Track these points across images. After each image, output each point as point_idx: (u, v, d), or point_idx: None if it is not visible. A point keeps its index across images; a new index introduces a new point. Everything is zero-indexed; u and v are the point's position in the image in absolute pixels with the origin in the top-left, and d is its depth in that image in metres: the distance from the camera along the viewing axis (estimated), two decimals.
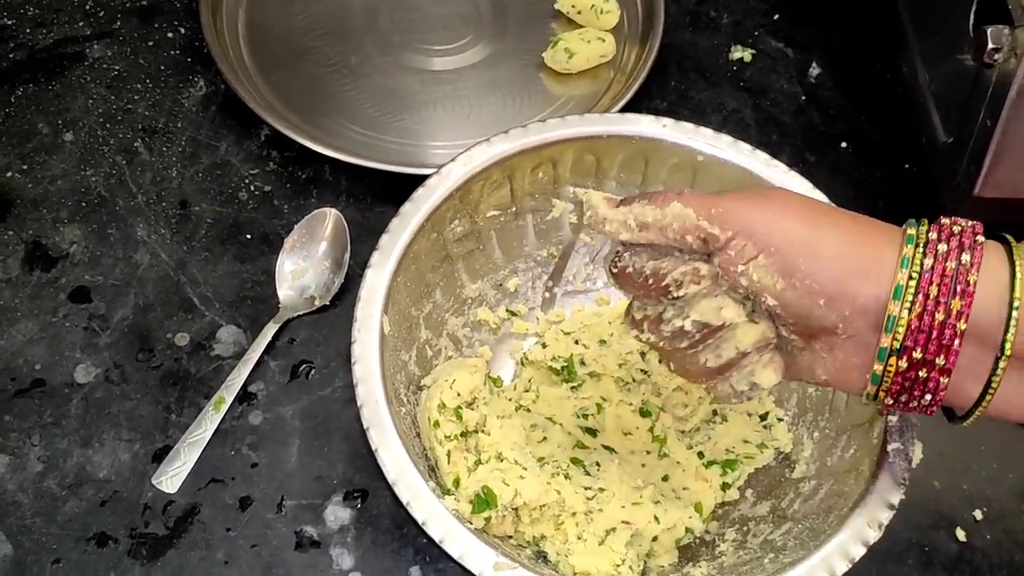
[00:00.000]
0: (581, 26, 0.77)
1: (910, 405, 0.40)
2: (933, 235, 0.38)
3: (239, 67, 0.72)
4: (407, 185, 0.56)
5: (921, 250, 0.38)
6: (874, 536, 0.46)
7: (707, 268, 0.41)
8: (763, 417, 0.57)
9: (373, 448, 0.47)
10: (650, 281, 0.42)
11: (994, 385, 0.38)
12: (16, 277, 0.63)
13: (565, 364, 0.59)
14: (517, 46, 0.77)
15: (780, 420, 0.57)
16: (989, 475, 0.59)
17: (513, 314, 0.62)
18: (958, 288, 0.37)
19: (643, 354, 0.59)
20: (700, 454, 0.55)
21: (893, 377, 0.39)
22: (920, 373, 0.38)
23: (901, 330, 0.37)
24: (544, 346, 0.60)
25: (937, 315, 0.37)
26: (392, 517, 0.56)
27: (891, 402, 0.40)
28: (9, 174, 0.68)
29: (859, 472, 0.49)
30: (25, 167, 0.68)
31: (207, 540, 0.55)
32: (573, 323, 0.61)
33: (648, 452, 0.55)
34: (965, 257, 0.37)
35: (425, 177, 0.56)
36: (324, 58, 0.75)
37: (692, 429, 0.56)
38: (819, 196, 0.55)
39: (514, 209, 0.60)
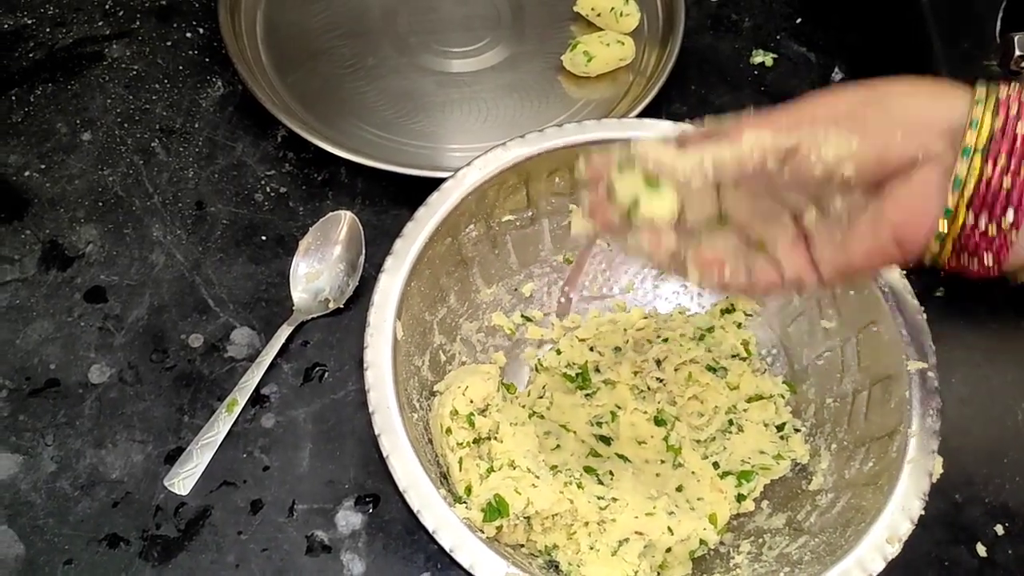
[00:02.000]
0: (600, 29, 0.76)
1: (988, 232, 0.38)
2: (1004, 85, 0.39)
3: (256, 68, 0.72)
4: (423, 188, 0.56)
5: (995, 87, 0.38)
6: (893, 552, 0.45)
7: None
8: (780, 428, 0.56)
9: (384, 455, 0.47)
10: None
11: None
12: (32, 276, 0.63)
13: (580, 371, 0.58)
14: (536, 49, 0.77)
15: (797, 431, 0.56)
16: (1012, 489, 0.58)
17: (528, 320, 0.61)
18: None
19: (658, 362, 0.58)
20: (715, 464, 0.55)
21: (977, 184, 0.38)
22: (1004, 180, 0.37)
23: (984, 129, 0.37)
24: (559, 352, 0.59)
25: (1019, 126, 0.37)
26: (404, 523, 0.56)
27: (969, 227, 0.39)
28: (27, 173, 0.68)
29: (878, 486, 0.48)
30: (43, 166, 0.68)
31: (218, 543, 0.55)
32: (588, 330, 0.61)
33: (662, 461, 0.55)
34: None
35: (441, 180, 0.56)
36: (341, 59, 0.75)
37: (707, 439, 0.56)
38: None
39: (530, 214, 0.60)
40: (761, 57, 0.77)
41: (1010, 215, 0.38)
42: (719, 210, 0.43)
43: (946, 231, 0.39)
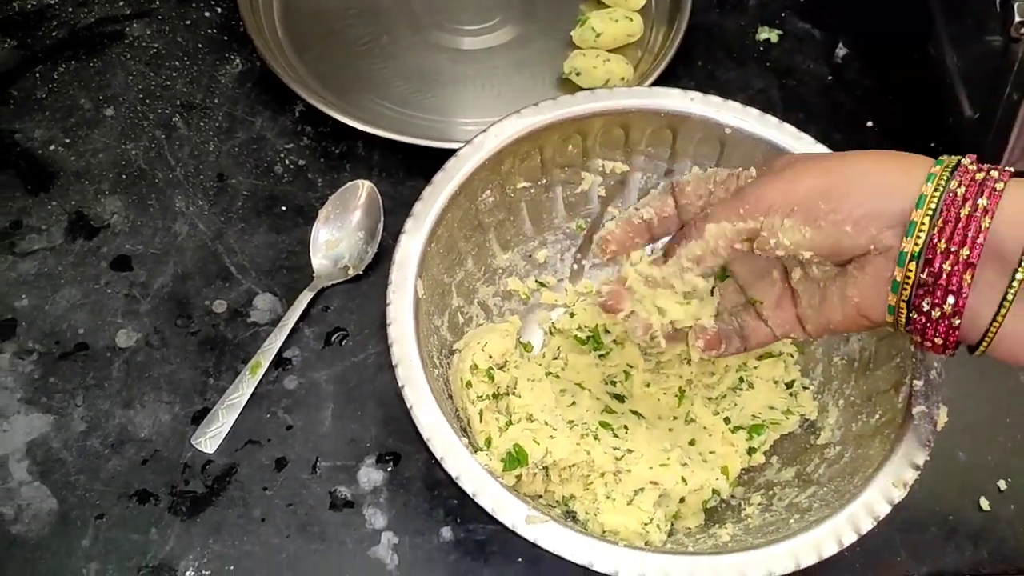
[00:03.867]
0: (609, 6, 0.78)
1: (932, 316, 0.40)
2: (966, 161, 0.40)
3: (274, 45, 0.74)
4: (437, 160, 0.57)
5: (949, 170, 0.40)
6: (899, 495, 0.47)
7: None
8: (789, 385, 0.58)
9: (408, 406, 0.49)
10: None
11: (1008, 300, 0.38)
12: (60, 246, 0.65)
13: (591, 334, 0.60)
14: (546, 26, 0.78)
15: (806, 388, 0.58)
16: (1014, 446, 0.60)
17: (542, 285, 0.63)
18: (985, 191, 0.39)
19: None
20: (726, 419, 0.56)
21: (912, 289, 0.40)
22: (944, 266, 0.39)
23: (922, 234, 0.39)
24: (572, 315, 0.61)
25: (963, 208, 0.38)
26: (424, 479, 0.58)
27: (914, 316, 0.41)
28: (53, 147, 0.70)
29: (885, 436, 0.50)
30: (68, 140, 0.70)
31: (244, 499, 0.56)
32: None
33: (675, 417, 0.57)
34: (994, 173, 0.39)
35: (455, 150, 0.57)
36: (357, 37, 0.77)
37: (719, 396, 0.57)
38: None
39: (544, 181, 0.61)
40: (767, 34, 0.79)
41: (950, 300, 0.40)
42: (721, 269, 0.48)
43: (892, 321, 0.42)
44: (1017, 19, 0.56)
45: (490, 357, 0.53)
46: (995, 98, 0.60)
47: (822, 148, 0.58)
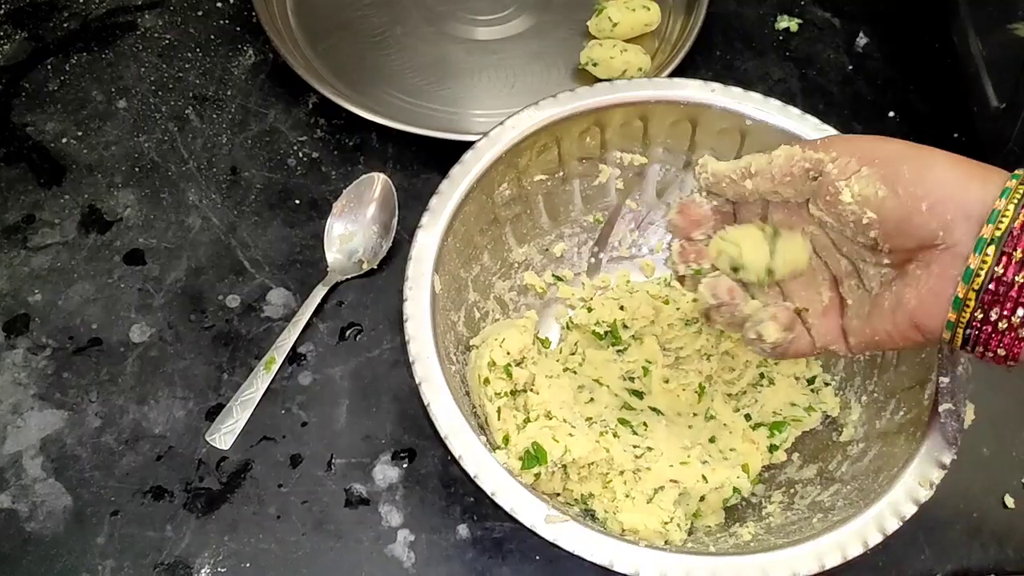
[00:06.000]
0: None
1: (998, 326, 0.38)
2: None
3: (287, 36, 0.73)
4: (452, 152, 0.56)
5: None
6: (925, 495, 0.46)
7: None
8: (810, 381, 0.57)
9: (425, 403, 0.48)
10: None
11: None
12: (72, 240, 0.65)
13: (609, 329, 0.59)
14: (561, 16, 0.77)
15: (827, 384, 0.57)
16: None
17: (559, 279, 0.62)
18: None
19: (687, 323, 0.59)
20: (747, 416, 0.55)
21: (986, 280, 0.38)
22: (1017, 278, 0.37)
23: (1004, 222, 0.37)
24: (590, 310, 0.60)
25: None
26: (439, 476, 0.57)
27: (979, 320, 0.38)
28: (65, 140, 0.69)
29: (909, 434, 0.49)
30: (80, 133, 0.69)
31: (259, 495, 0.56)
32: (619, 290, 0.62)
33: (695, 414, 0.56)
34: None
35: (470, 144, 0.56)
36: (370, 28, 0.76)
37: (739, 392, 0.56)
38: None
39: (561, 174, 0.61)
40: (786, 22, 0.77)
41: (1020, 312, 0.38)
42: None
43: (955, 320, 0.39)
44: None
45: (508, 353, 0.52)
46: (1022, 86, 0.59)
47: None
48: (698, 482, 0.51)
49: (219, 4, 0.76)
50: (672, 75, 0.71)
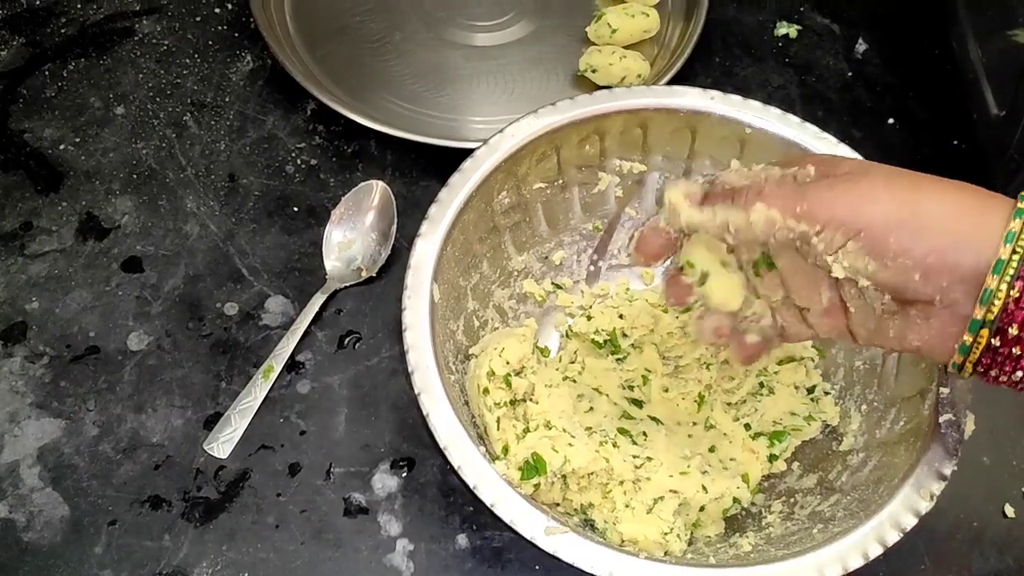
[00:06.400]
0: (625, 1, 0.77)
1: (1000, 379, 0.39)
2: None
3: (285, 42, 0.73)
4: (451, 159, 0.56)
5: None
6: (926, 506, 0.46)
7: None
8: (810, 390, 0.57)
9: (424, 413, 0.48)
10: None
11: None
12: (70, 247, 0.64)
13: (608, 337, 0.59)
14: (561, 21, 0.77)
15: (827, 393, 0.57)
16: None
17: (558, 287, 0.62)
18: None
19: (686, 331, 0.59)
20: (747, 426, 0.55)
21: (983, 351, 0.38)
22: (1013, 350, 0.37)
23: (997, 303, 0.36)
24: (589, 319, 0.60)
25: None
26: (439, 486, 0.57)
27: (979, 373, 0.39)
28: (62, 147, 0.69)
29: (910, 444, 0.49)
30: (78, 140, 0.69)
31: (258, 504, 0.56)
32: (618, 298, 0.62)
33: (695, 423, 0.56)
34: None
35: (469, 151, 0.56)
36: (369, 34, 0.76)
37: (739, 401, 0.56)
38: None
39: (560, 182, 0.60)
40: (785, 29, 0.77)
41: (1019, 375, 0.38)
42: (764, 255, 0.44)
43: (960, 363, 0.39)
44: None
45: (507, 363, 0.52)
46: (1022, 96, 0.59)
47: (845, 148, 0.57)
48: (698, 492, 0.51)
49: (217, 10, 0.76)
50: (671, 81, 0.71)
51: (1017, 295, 0.36)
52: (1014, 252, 0.36)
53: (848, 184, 0.39)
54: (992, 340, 0.37)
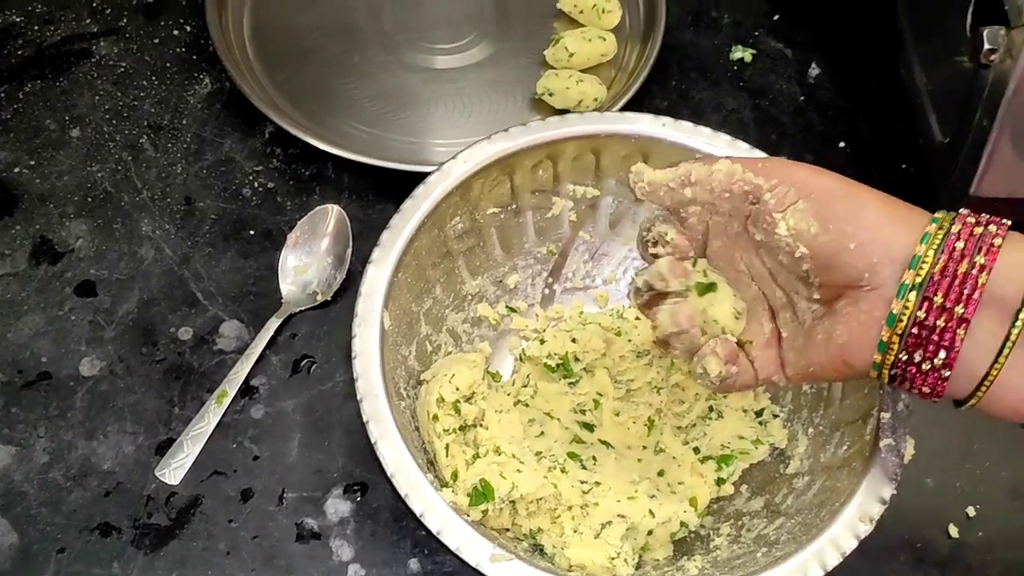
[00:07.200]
0: (583, 25, 0.78)
1: (922, 367, 0.40)
2: (964, 211, 0.40)
3: (244, 65, 0.73)
4: (409, 182, 0.57)
5: (950, 218, 0.40)
6: (865, 530, 0.47)
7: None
8: (759, 413, 0.57)
9: (373, 441, 0.48)
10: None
11: (1004, 355, 0.38)
12: (23, 271, 0.64)
13: (561, 361, 0.59)
14: (520, 45, 0.78)
15: (776, 416, 0.57)
16: (982, 473, 0.60)
17: (513, 310, 0.62)
18: (983, 247, 0.38)
19: (639, 355, 0.59)
20: (696, 449, 0.56)
21: (909, 325, 0.39)
22: (938, 322, 0.38)
23: (924, 268, 0.38)
24: (542, 342, 0.61)
25: (961, 265, 0.38)
26: (391, 510, 0.57)
27: (903, 362, 0.40)
28: (17, 169, 0.69)
29: (852, 468, 0.50)
30: (32, 162, 0.69)
31: (209, 531, 0.56)
32: (571, 321, 0.62)
33: (644, 447, 0.56)
34: (992, 227, 0.39)
35: (426, 174, 0.57)
36: (328, 56, 0.76)
37: (688, 425, 0.57)
38: None
39: (514, 206, 0.61)
40: (740, 53, 0.78)
41: (942, 355, 0.39)
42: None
43: (880, 361, 0.41)
44: (987, 46, 0.55)
45: (457, 389, 0.53)
46: (965, 124, 0.60)
47: None
48: (645, 517, 0.51)
49: (176, 32, 0.76)
50: (628, 104, 0.72)
51: (942, 265, 0.38)
52: (939, 228, 0.39)
53: (804, 165, 0.43)
54: (918, 313, 0.39)
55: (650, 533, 0.52)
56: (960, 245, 0.39)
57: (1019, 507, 0.59)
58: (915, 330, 0.39)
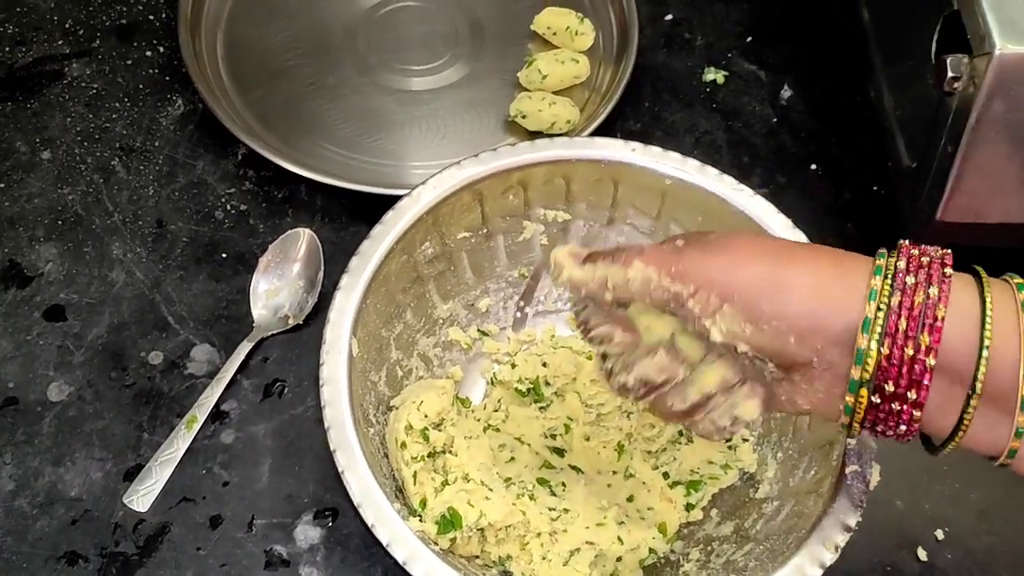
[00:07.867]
0: (557, 47, 0.78)
1: (887, 434, 0.40)
2: (902, 264, 0.38)
3: (217, 86, 0.73)
4: (382, 205, 0.57)
5: (889, 282, 0.38)
6: (830, 558, 0.47)
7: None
8: (728, 438, 0.57)
9: (340, 470, 0.48)
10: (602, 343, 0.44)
11: (965, 422, 0.38)
12: None
13: (531, 386, 0.59)
14: (494, 66, 0.78)
15: (745, 440, 0.58)
16: (951, 495, 0.60)
17: (484, 334, 0.62)
18: (926, 323, 0.37)
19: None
20: (665, 474, 0.56)
21: (865, 409, 0.39)
22: (892, 406, 0.38)
23: (871, 362, 0.37)
24: (513, 366, 0.61)
25: (907, 350, 0.37)
26: (361, 536, 0.57)
27: (869, 424, 0.40)
28: None
29: (819, 493, 0.50)
30: (2, 185, 0.69)
31: (177, 559, 0.55)
32: (543, 345, 0.62)
33: (614, 472, 0.56)
34: (933, 291, 0.37)
35: (398, 198, 0.57)
36: (302, 78, 0.76)
37: (658, 449, 0.57)
38: (782, 220, 0.56)
39: (485, 231, 0.61)
40: (713, 74, 0.79)
41: (902, 428, 0.39)
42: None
43: (848, 421, 0.40)
44: (950, 74, 0.56)
45: (425, 416, 0.53)
46: (931, 148, 0.61)
47: (760, 200, 0.58)
48: (614, 543, 0.51)
49: (148, 53, 0.76)
50: (601, 126, 0.72)
51: (887, 351, 0.37)
52: (878, 309, 0.37)
53: (720, 250, 0.40)
54: (872, 398, 0.38)
55: (619, 560, 0.52)
56: (903, 325, 0.37)
57: (988, 529, 0.59)
58: (871, 414, 0.39)
